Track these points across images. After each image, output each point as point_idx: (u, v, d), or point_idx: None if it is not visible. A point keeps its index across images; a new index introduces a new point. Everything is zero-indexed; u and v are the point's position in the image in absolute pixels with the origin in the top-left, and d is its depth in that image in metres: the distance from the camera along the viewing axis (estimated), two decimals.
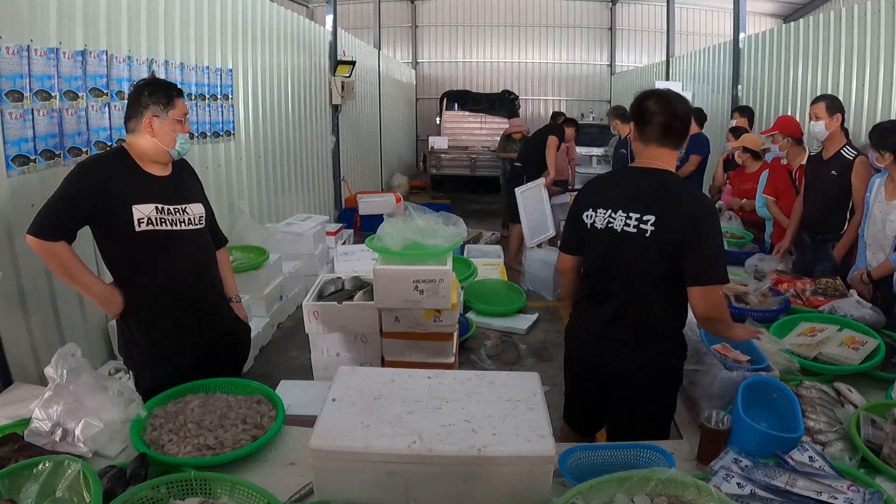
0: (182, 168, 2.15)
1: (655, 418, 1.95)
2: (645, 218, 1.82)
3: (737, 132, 5.01)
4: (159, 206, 1.98)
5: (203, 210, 2.12)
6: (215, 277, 2.24)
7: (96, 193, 1.89)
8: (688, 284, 1.78)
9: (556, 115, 7.13)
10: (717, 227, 1.83)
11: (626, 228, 1.86)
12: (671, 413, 1.96)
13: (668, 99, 1.89)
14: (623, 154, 5.73)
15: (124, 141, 2.05)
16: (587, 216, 1.96)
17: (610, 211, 1.90)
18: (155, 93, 1.96)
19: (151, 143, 1.98)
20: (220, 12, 4.51)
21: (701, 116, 5.78)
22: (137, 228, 1.93)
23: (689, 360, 1.90)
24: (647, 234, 1.81)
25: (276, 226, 5.12)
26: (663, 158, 1.90)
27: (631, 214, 1.86)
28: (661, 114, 1.86)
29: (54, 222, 1.88)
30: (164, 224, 1.99)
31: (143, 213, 1.94)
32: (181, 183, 2.10)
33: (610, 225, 1.90)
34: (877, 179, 2.77)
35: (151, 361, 2.03)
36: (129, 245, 1.95)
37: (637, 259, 1.85)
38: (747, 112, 5.66)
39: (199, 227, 2.10)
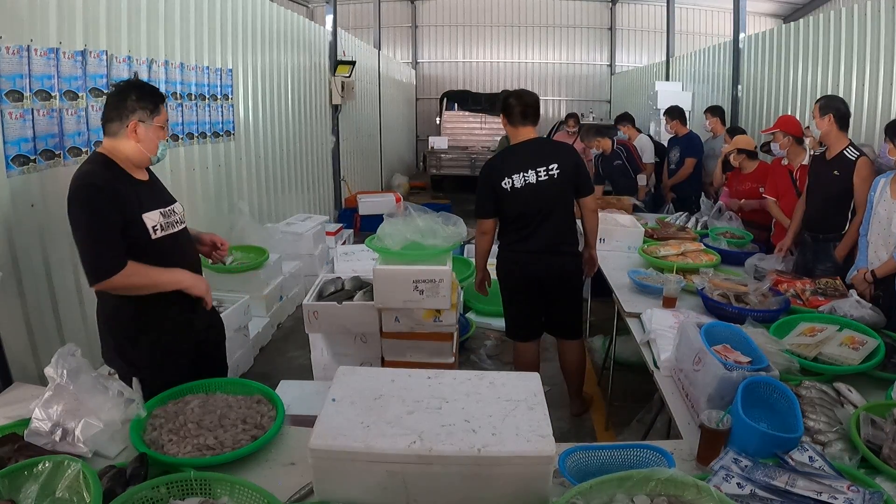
0: (150, 171, 2.12)
1: (577, 301, 3.17)
2: (550, 167, 2.90)
3: (732, 133, 5.01)
4: (161, 210, 1.97)
5: (182, 208, 2.13)
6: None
7: (117, 208, 1.85)
8: (582, 197, 3.03)
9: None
10: (583, 161, 3.10)
11: (540, 179, 2.89)
12: (581, 294, 3.26)
13: (521, 94, 2.99)
14: (619, 165, 5.66)
15: (99, 144, 2.00)
16: (505, 183, 2.90)
17: (522, 173, 2.89)
18: (143, 98, 1.91)
19: (135, 149, 1.93)
20: (220, 12, 4.51)
21: (683, 115, 5.79)
22: (153, 236, 1.92)
23: (690, 360, 1.90)
24: (556, 177, 2.90)
25: (276, 226, 5.13)
26: (530, 133, 2.98)
27: (539, 170, 2.89)
28: (519, 105, 2.94)
29: (108, 255, 1.82)
30: (169, 228, 1.99)
31: (153, 220, 1.93)
32: (159, 185, 2.10)
33: (527, 181, 2.90)
34: (882, 179, 2.77)
35: (158, 362, 2.01)
36: (146, 254, 1.91)
37: (553, 195, 2.92)
38: (718, 112, 5.66)
39: (185, 225, 2.11)
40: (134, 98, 1.89)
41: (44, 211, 2.72)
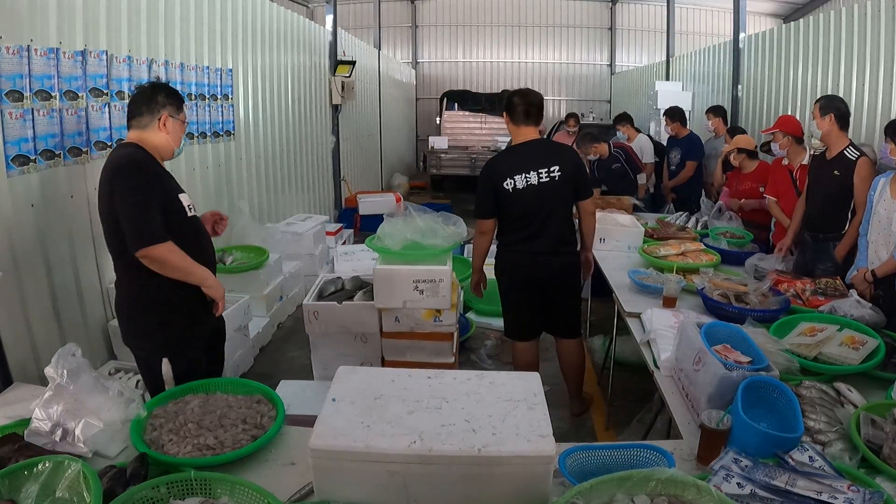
0: None
1: (576, 301, 3.17)
2: (552, 169, 2.88)
3: (732, 133, 5.01)
4: (187, 195, 2.16)
5: None
6: None
7: (159, 184, 2.02)
8: (581, 200, 3.03)
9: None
10: (583, 164, 3.18)
11: (541, 180, 2.88)
12: (580, 294, 3.27)
13: (526, 93, 2.96)
14: (618, 167, 5.66)
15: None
16: (507, 184, 2.88)
17: (524, 173, 2.87)
18: (170, 95, 2.14)
19: (164, 140, 2.11)
20: (220, 12, 4.51)
21: (683, 116, 5.79)
22: (188, 214, 2.12)
23: (690, 360, 1.90)
24: (557, 179, 2.89)
25: (276, 226, 5.12)
26: (531, 133, 2.95)
27: (541, 171, 2.87)
28: (522, 104, 2.91)
29: (155, 224, 1.94)
30: (194, 211, 2.18)
31: (185, 201, 2.12)
32: None
33: (529, 182, 2.88)
34: (881, 179, 2.77)
35: (183, 345, 2.13)
36: (183, 232, 2.06)
37: (554, 197, 2.91)
38: (720, 112, 5.66)
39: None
40: (163, 95, 2.12)
41: (44, 211, 2.72)
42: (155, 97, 2.09)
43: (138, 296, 2.08)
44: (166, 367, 2.08)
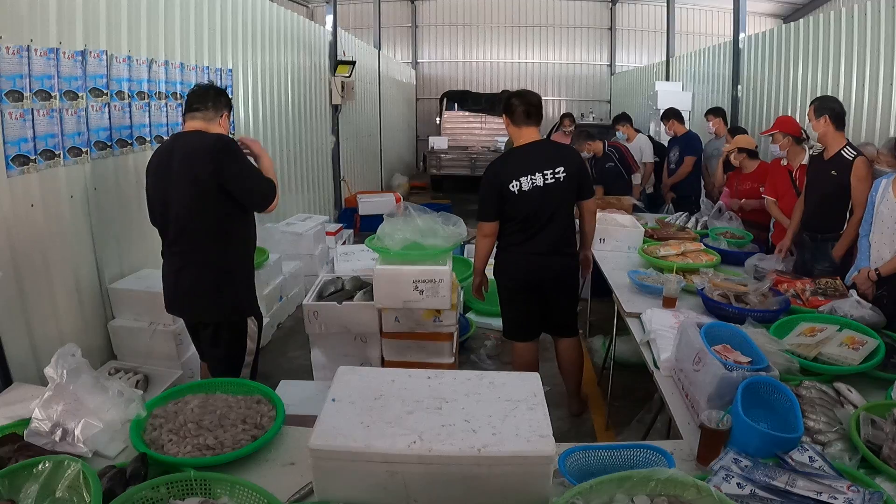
0: None
1: (574, 300, 3.21)
2: (557, 170, 2.88)
3: (733, 133, 5.01)
4: None
5: None
6: None
7: None
8: (583, 199, 3.06)
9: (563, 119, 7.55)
10: (585, 164, 3.32)
11: (547, 182, 2.87)
12: (578, 293, 3.34)
13: (524, 94, 2.95)
14: (612, 167, 5.65)
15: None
16: (512, 186, 2.86)
17: (529, 175, 2.86)
18: (227, 98, 2.54)
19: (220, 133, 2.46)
20: (220, 12, 4.51)
21: (679, 115, 5.80)
22: None
23: (690, 360, 1.90)
24: (562, 180, 2.89)
25: (276, 226, 5.12)
26: (533, 134, 2.94)
27: (546, 172, 2.87)
28: (521, 104, 2.90)
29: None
30: None
31: None
32: None
33: (534, 184, 2.86)
34: (883, 180, 2.77)
35: (259, 309, 2.64)
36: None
37: (559, 198, 2.92)
38: (720, 113, 5.69)
39: None
40: (226, 98, 2.53)
41: (44, 211, 2.72)
42: (221, 98, 2.49)
43: (233, 263, 2.46)
44: (253, 325, 2.54)
